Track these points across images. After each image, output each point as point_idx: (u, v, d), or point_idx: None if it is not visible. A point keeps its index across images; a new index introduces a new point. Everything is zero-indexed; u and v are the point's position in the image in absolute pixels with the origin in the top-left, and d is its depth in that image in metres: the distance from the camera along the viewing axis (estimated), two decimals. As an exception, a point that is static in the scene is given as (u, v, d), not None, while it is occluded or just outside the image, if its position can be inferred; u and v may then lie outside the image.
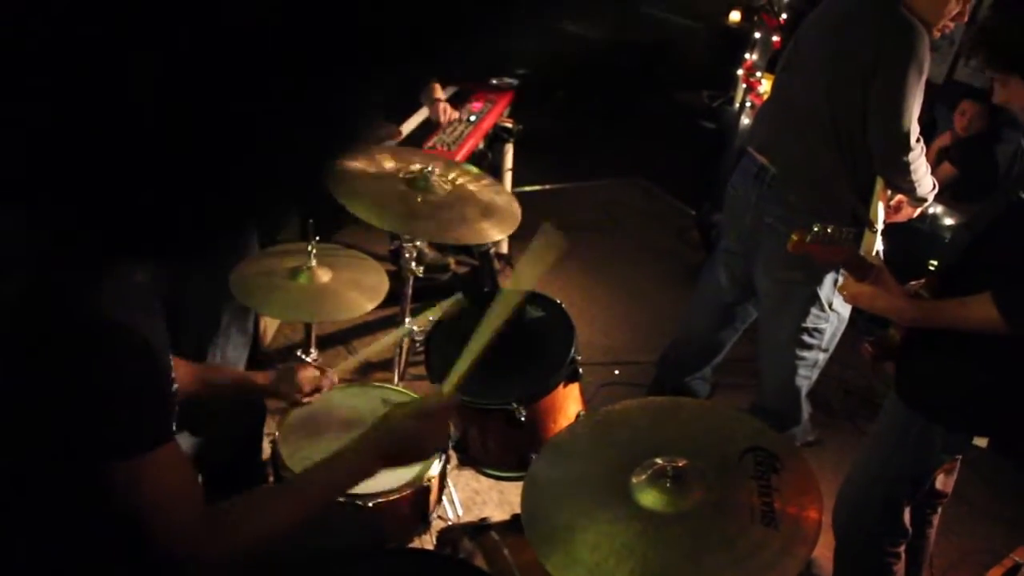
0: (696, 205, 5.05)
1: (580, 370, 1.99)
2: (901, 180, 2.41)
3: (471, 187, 2.35)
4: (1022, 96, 1.82)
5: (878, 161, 2.41)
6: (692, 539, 1.38)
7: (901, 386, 1.99)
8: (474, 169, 2.53)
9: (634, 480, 1.50)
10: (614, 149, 6.44)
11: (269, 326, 3.41)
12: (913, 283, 1.97)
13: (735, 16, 5.93)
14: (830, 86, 2.41)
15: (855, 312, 2.74)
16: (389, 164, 2.34)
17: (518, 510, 2.02)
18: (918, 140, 2.37)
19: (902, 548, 2.15)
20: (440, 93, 3.77)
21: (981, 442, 1.95)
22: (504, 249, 4.20)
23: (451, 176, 2.35)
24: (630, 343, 3.89)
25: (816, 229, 1.83)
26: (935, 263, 1.96)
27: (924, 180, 2.44)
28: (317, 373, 1.96)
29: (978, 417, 1.92)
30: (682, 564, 1.35)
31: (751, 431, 1.59)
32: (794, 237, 1.84)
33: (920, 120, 2.37)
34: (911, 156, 2.35)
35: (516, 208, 2.30)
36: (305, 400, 1.94)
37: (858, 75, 2.34)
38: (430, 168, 2.24)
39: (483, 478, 2.80)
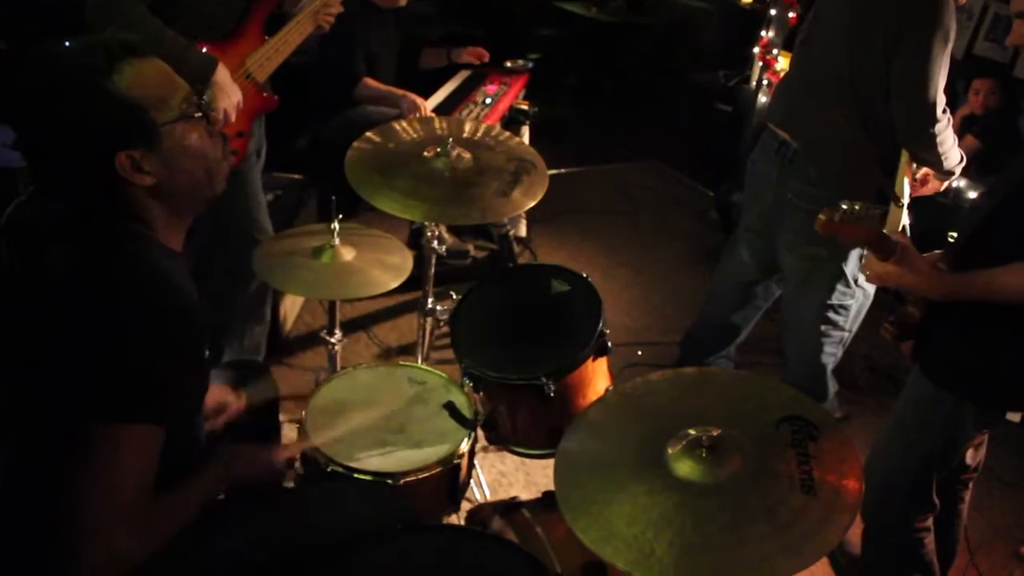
0: (715, 186, 5.01)
1: (609, 343, 1.97)
2: (928, 153, 2.35)
3: (492, 144, 2.32)
4: None
5: (903, 134, 2.36)
6: (731, 508, 1.36)
7: (927, 365, 1.95)
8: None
9: (669, 451, 1.48)
10: (631, 132, 6.41)
11: (289, 313, 3.40)
12: (926, 255, 1.93)
13: (747, -2, 5.90)
14: (852, 58, 2.37)
15: (880, 288, 2.70)
16: (402, 132, 2.32)
17: (545, 491, 2.01)
18: (944, 111, 2.31)
19: (930, 521, 2.12)
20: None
21: (1015, 417, 1.91)
22: (523, 232, 4.18)
23: (468, 132, 2.34)
24: (653, 324, 3.86)
25: (845, 207, 1.77)
26: (954, 234, 1.91)
27: (951, 153, 2.38)
28: (227, 396, 1.86)
29: (1011, 393, 1.87)
30: (721, 534, 1.33)
31: (786, 400, 1.56)
32: (822, 217, 1.79)
33: (944, 93, 2.32)
34: (937, 128, 2.30)
35: (542, 164, 2.26)
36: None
37: (881, 45, 2.29)
38: (449, 141, 2.21)
39: (508, 460, 2.81)
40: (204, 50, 2.30)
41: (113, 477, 1.22)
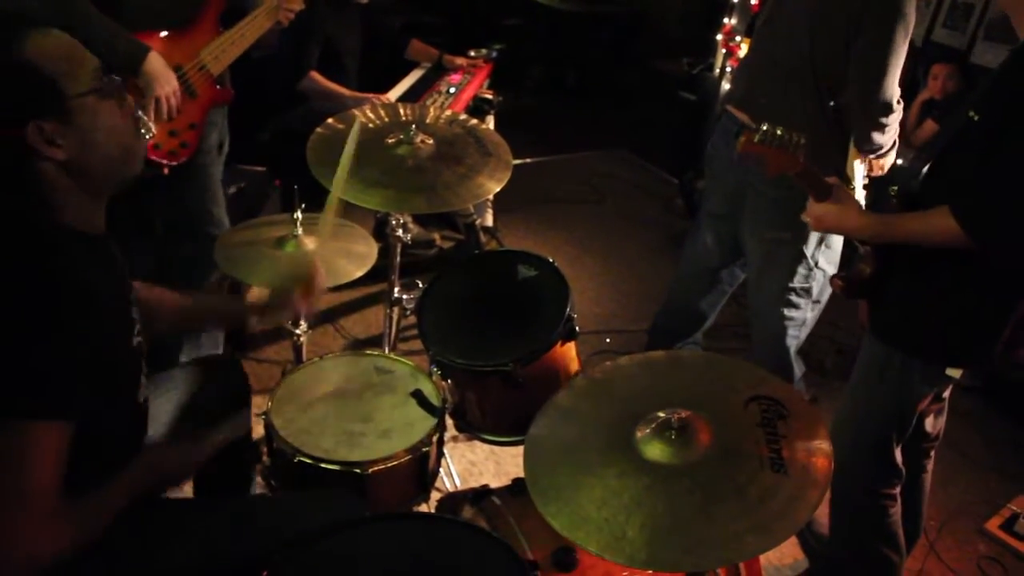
0: (680, 173, 5.02)
1: (576, 328, 1.96)
2: (872, 140, 2.37)
3: (457, 129, 2.29)
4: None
5: (856, 119, 2.37)
6: (701, 489, 1.36)
7: (876, 324, 1.99)
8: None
9: (638, 434, 1.48)
10: (596, 121, 6.41)
11: (254, 306, 3.35)
12: None
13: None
14: (814, 40, 2.37)
15: (841, 269, 2.72)
16: (363, 118, 2.28)
17: (515, 477, 2.00)
18: (899, 101, 2.34)
19: (897, 490, 2.14)
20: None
21: (955, 373, 1.93)
22: (489, 221, 4.16)
23: (431, 118, 2.31)
24: (620, 312, 3.87)
25: (765, 128, 1.77)
26: (895, 188, 1.93)
27: (891, 139, 2.43)
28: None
29: (953, 347, 1.90)
30: (693, 514, 1.33)
31: (754, 380, 1.57)
32: (742, 138, 1.79)
33: (902, 81, 2.33)
34: (891, 118, 2.33)
35: (504, 146, 2.24)
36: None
37: (844, 29, 2.30)
38: (412, 128, 2.17)
39: (478, 449, 2.79)
40: (164, 36, 2.24)
41: (19, 478, 1.19)
